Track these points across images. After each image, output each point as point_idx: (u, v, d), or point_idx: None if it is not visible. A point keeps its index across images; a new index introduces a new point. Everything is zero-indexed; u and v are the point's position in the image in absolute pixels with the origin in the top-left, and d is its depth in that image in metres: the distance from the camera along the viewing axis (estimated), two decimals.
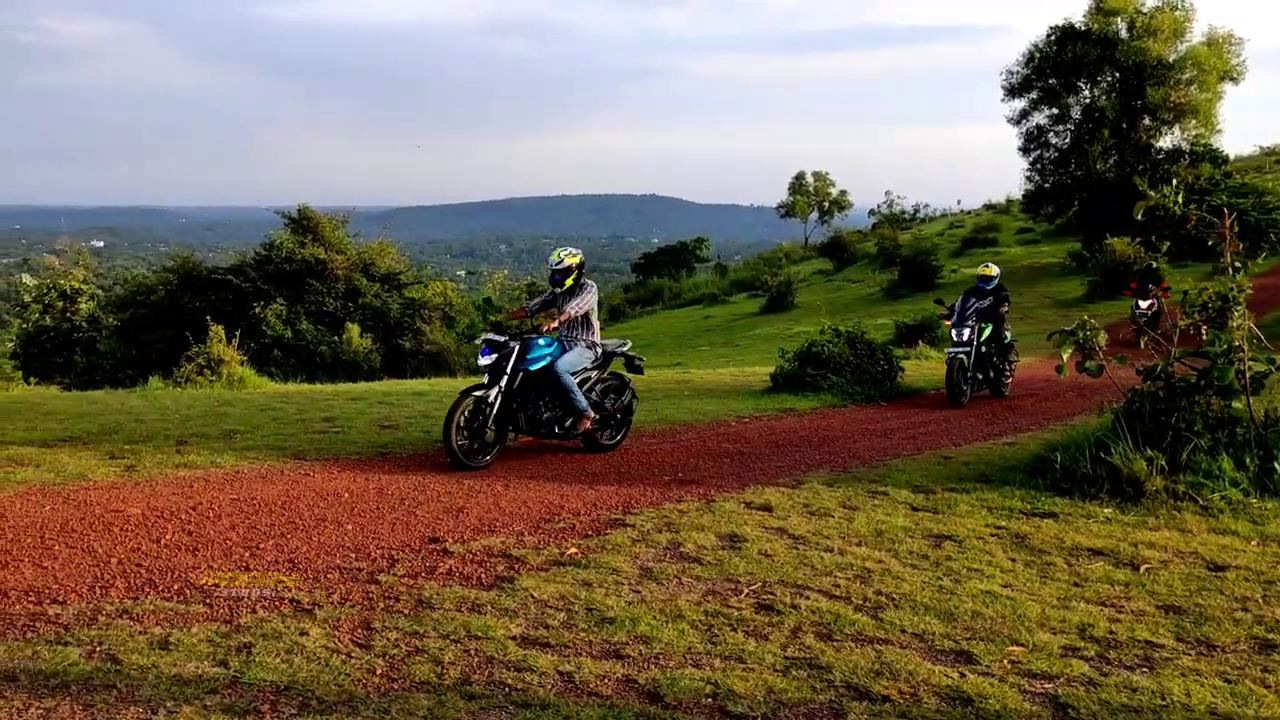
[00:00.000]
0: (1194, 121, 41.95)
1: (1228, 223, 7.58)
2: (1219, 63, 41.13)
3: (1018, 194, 74.85)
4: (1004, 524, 6.21)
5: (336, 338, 29.74)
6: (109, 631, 4.23)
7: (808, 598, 4.78)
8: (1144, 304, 22.22)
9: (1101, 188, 41.94)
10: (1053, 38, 43.04)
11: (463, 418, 8.14)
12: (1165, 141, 43.23)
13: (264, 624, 4.37)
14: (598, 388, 9.17)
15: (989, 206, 79.86)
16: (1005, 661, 3.98)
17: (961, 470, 7.91)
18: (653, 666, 3.97)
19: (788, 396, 12.89)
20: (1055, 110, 43.48)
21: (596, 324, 9.19)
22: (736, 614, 4.55)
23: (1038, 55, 43.37)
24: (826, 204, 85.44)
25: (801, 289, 45.83)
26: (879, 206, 79.21)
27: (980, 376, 13.47)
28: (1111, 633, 4.34)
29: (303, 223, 32.32)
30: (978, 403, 13.21)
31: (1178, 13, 41.58)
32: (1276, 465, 6.77)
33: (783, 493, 7.16)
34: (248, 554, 5.61)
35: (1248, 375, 7.01)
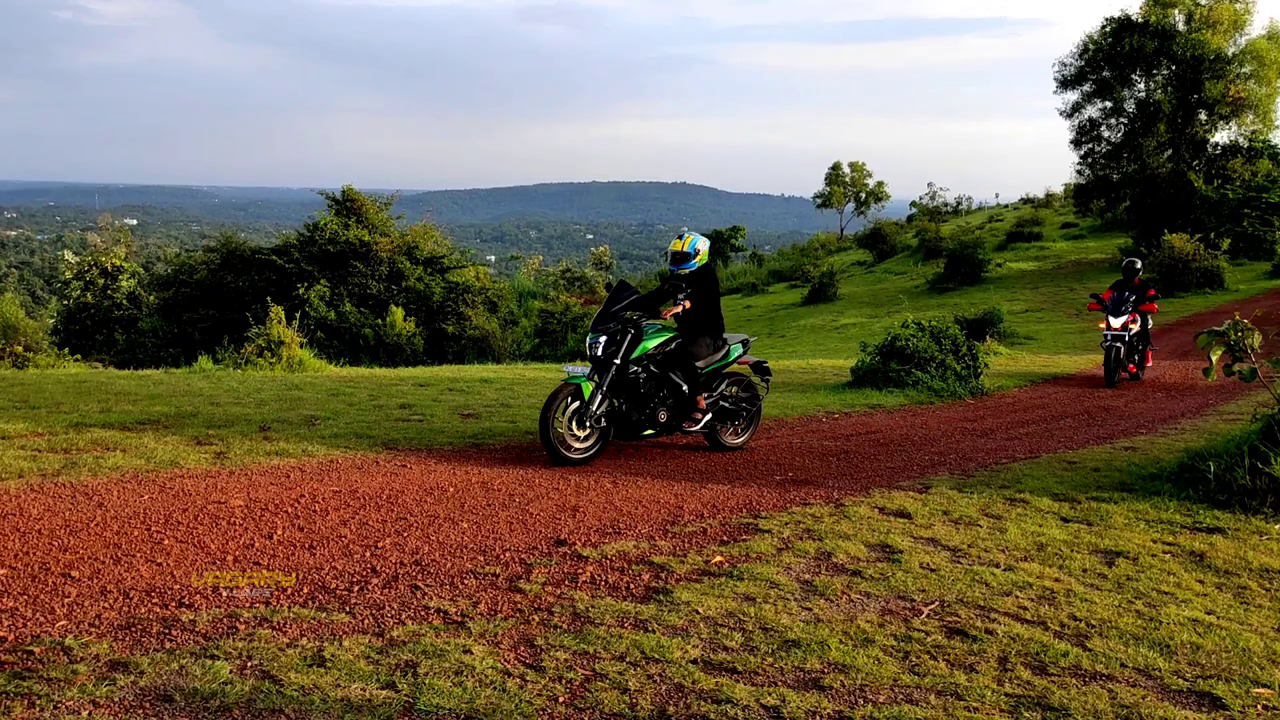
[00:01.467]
0: (1252, 117, 41.03)
1: None
2: (1279, 57, 40.16)
3: (1057, 188, 74.08)
4: (1171, 539, 5.75)
5: (380, 320, 29.45)
6: (254, 643, 3.85)
7: (997, 621, 4.35)
8: (1116, 323, 14.75)
9: (1155, 183, 41.11)
10: (1108, 29, 42.15)
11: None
12: (1221, 136, 42.32)
13: (419, 638, 3.98)
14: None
15: (1026, 200, 78.87)
16: (1259, 708, 3.55)
17: (1095, 478, 7.44)
18: (862, 701, 3.55)
19: (872, 392, 12.42)
20: (1109, 103, 42.59)
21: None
22: (928, 638, 4.13)
23: (1092, 47, 42.48)
24: (863, 195, 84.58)
25: (842, 280, 45.20)
26: (921, 198, 78.19)
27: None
28: None
29: (346, 204, 32.00)
30: (1065, 401, 12.71)
31: (1238, 5, 40.62)
32: None
33: (913, 498, 6.73)
34: (368, 553, 5.24)
35: None
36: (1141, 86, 42.22)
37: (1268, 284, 30.54)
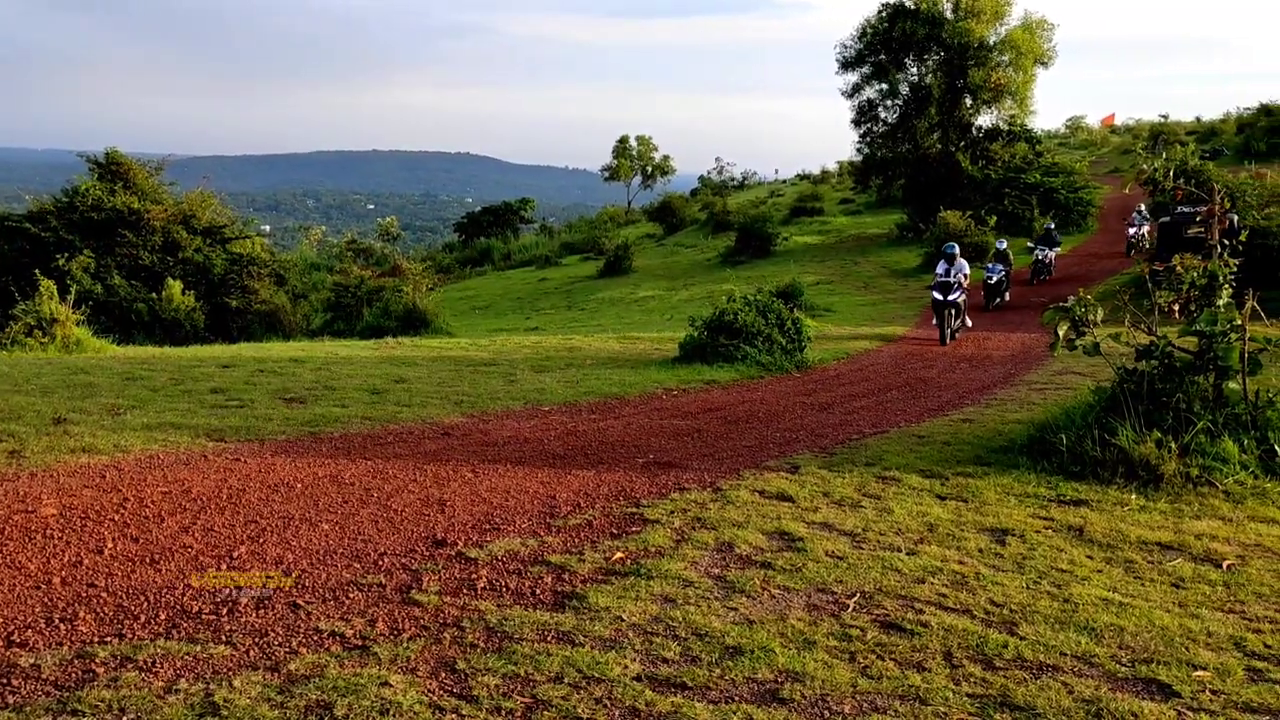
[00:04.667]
0: (1010, 102, 43.97)
1: (1217, 200, 7.51)
2: (1033, 47, 43.18)
3: (832, 165, 77.50)
4: (1046, 514, 5.85)
5: (155, 295, 27.21)
6: (122, 691, 3.22)
7: (924, 612, 4.23)
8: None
9: (927, 162, 43.52)
10: (884, 14, 44.12)
11: None
12: (984, 120, 45.20)
13: (322, 670, 3.45)
14: None
15: (803, 177, 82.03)
16: (1207, 692, 3.55)
17: (950, 452, 7.57)
18: (830, 713, 3.32)
19: (703, 367, 12.36)
20: (885, 85, 44.66)
21: None
22: (868, 636, 3.95)
23: (869, 31, 44.39)
24: (650, 169, 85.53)
25: (635, 253, 45.52)
26: (709, 173, 79.81)
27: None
28: (1268, 647, 3.99)
29: (111, 168, 29.30)
30: (885, 374, 13.11)
31: None
32: (1277, 447, 6.73)
33: (788, 479, 6.61)
34: (223, 565, 4.60)
35: (1246, 355, 6.95)
36: (914, 71, 44.46)
37: (1028, 258, 32.95)
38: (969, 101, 44.17)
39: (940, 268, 17.93)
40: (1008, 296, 24.48)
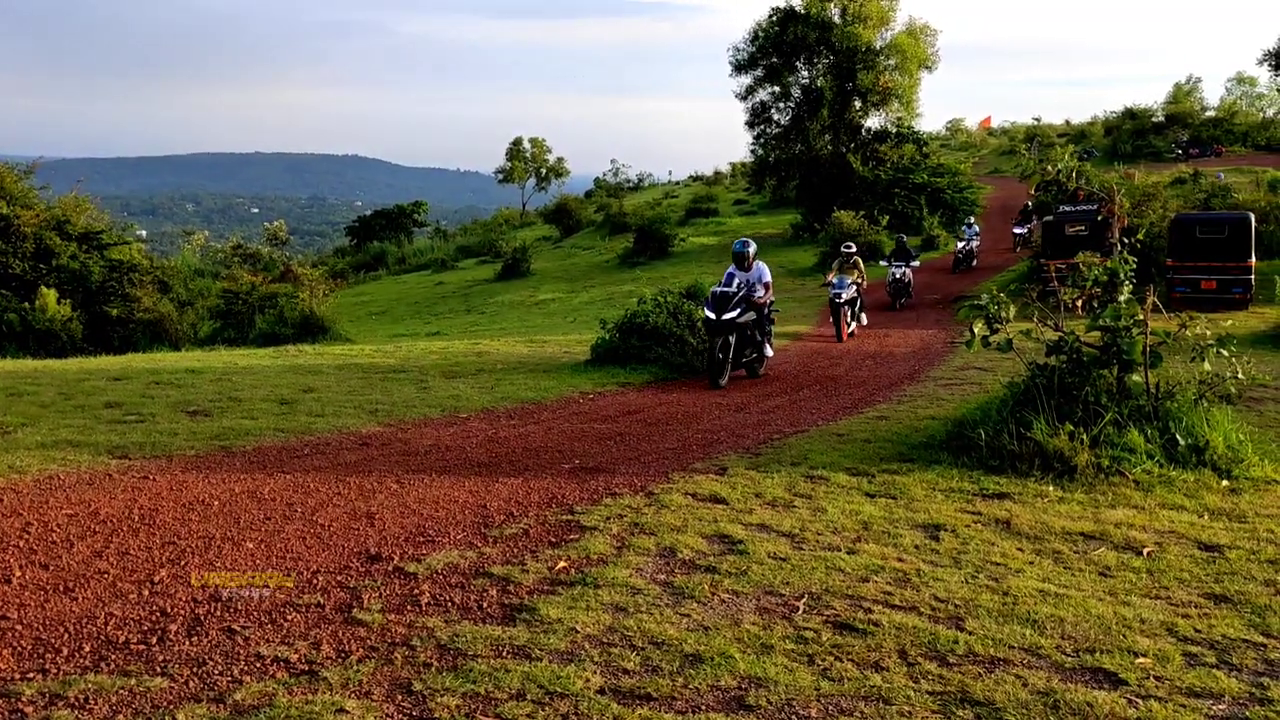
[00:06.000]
0: (897, 104, 45.18)
1: (1117, 199, 7.80)
2: (918, 51, 44.46)
3: (725, 167, 78.40)
4: (973, 509, 5.98)
5: (27, 304, 25.97)
6: None
7: (872, 611, 4.27)
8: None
9: (819, 163, 44.36)
10: (775, 18, 44.83)
11: None
12: (873, 122, 46.33)
13: (271, 699, 3.30)
14: None
15: (697, 178, 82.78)
16: (1152, 680, 3.65)
17: (872, 450, 7.69)
18: (797, 719, 3.32)
19: (616, 370, 12.32)
20: (778, 88, 45.41)
21: None
22: (823, 638, 3.96)
23: (761, 34, 45.05)
24: (544, 170, 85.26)
25: (533, 255, 45.24)
26: (605, 174, 79.81)
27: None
28: (1198, 631, 4.14)
29: None
30: (794, 373, 13.28)
31: (883, 2, 44.48)
32: (1178, 437, 7.03)
33: (718, 481, 6.62)
34: (146, 591, 4.38)
35: (1148, 348, 7.22)
36: (806, 74, 45.30)
37: (926, 255, 33.89)
38: (858, 104, 45.25)
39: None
40: (905, 304, 24.33)
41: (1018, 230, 34.03)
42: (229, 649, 3.75)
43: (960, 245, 31.46)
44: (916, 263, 24.97)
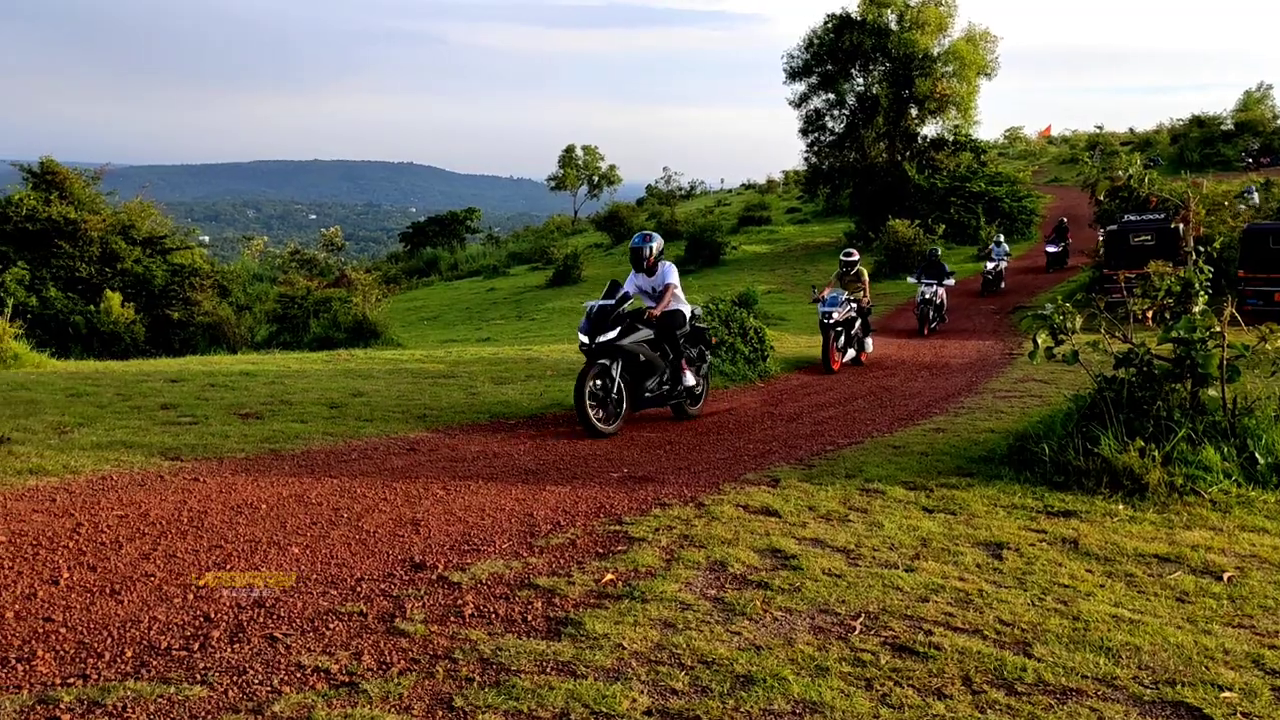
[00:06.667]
0: (954, 112, 44.57)
1: (1192, 207, 7.50)
2: (976, 58, 43.84)
3: (778, 175, 77.95)
4: (1038, 527, 5.74)
5: (93, 307, 26.48)
6: None
7: (933, 633, 4.07)
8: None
9: (874, 171, 43.88)
10: (830, 25, 44.48)
11: None
12: (929, 130, 45.74)
13: (310, 712, 3.19)
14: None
15: (749, 186, 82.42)
16: (1239, 716, 3.42)
17: (929, 463, 7.45)
18: None
19: None
20: (832, 95, 45.03)
21: None
22: (881, 661, 3.77)
23: (816, 42, 44.72)
24: (596, 178, 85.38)
25: (584, 262, 45.27)
26: (657, 182, 79.70)
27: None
28: None
29: (46, 178, 28.48)
30: (848, 383, 13.03)
31: (941, 8, 43.94)
32: (1258, 455, 6.71)
33: (770, 493, 6.44)
34: (191, 595, 4.31)
35: (1225, 362, 6.92)
36: (861, 81, 44.89)
37: (976, 266, 33.23)
38: (914, 111, 44.72)
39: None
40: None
41: (1050, 249, 32.45)
42: (270, 657, 3.66)
43: (989, 266, 28.46)
44: (951, 280, 21.16)
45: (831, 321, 14.21)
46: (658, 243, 9.81)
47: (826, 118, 45.27)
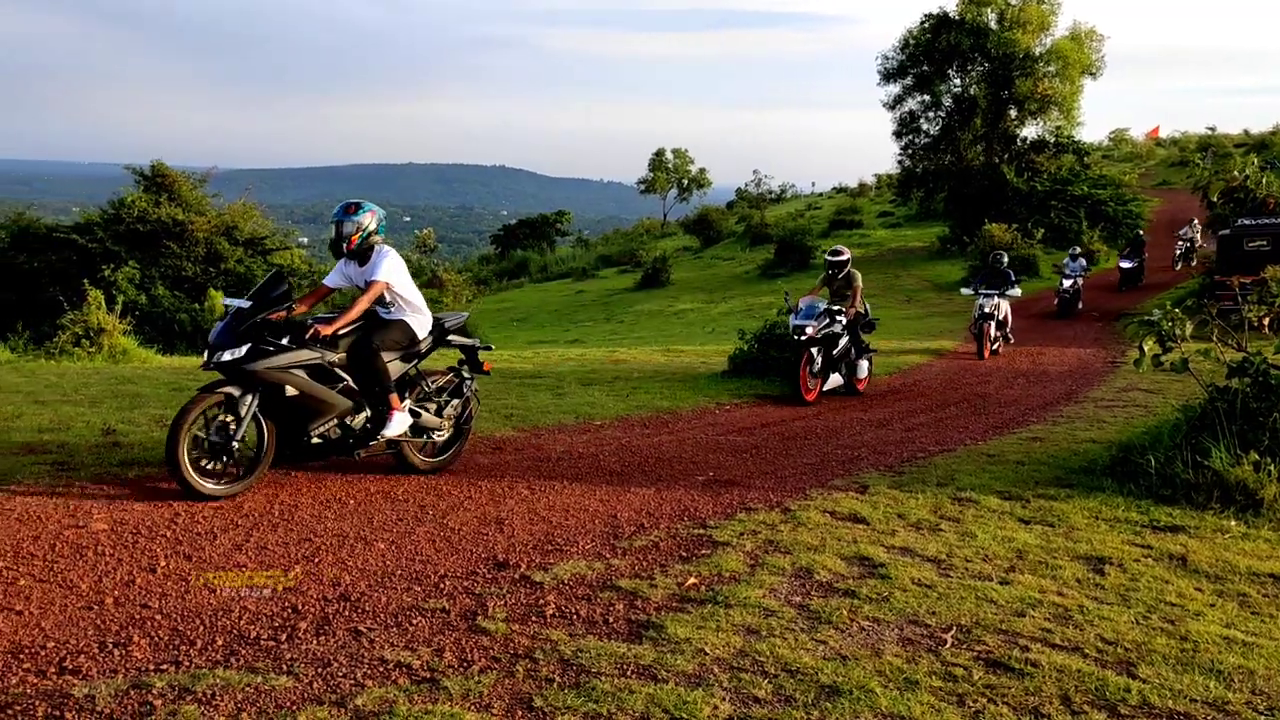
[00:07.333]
0: (1056, 113, 43.32)
1: None
2: (1081, 57, 42.52)
3: (870, 178, 76.87)
4: (1143, 541, 5.50)
5: (198, 305, 27.38)
6: None
7: (1029, 649, 3.90)
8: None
9: (970, 174, 42.92)
10: (927, 25, 43.66)
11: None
12: (1029, 131, 44.55)
13: (392, 707, 3.19)
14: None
15: (840, 190, 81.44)
16: None
17: (1026, 473, 7.21)
18: None
19: (754, 381, 12.04)
20: (928, 97, 44.15)
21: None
22: (974, 676, 3.63)
23: (911, 42, 43.92)
24: (686, 181, 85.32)
25: (673, 265, 45.24)
26: (747, 185, 79.32)
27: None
28: None
29: (157, 180, 29.56)
30: (940, 389, 12.74)
31: (1044, 6, 42.77)
32: None
33: (858, 499, 6.30)
34: (279, 586, 4.37)
35: None
36: (958, 82, 43.93)
37: (1045, 282, 32.19)
38: (1014, 113, 43.60)
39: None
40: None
41: (1124, 264, 28.72)
42: (354, 651, 3.68)
43: (1065, 284, 24.15)
44: (1016, 290, 17.64)
45: (804, 338, 11.02)
46: (369, 216, 6.37)
47: (921, 120, 44.38)
